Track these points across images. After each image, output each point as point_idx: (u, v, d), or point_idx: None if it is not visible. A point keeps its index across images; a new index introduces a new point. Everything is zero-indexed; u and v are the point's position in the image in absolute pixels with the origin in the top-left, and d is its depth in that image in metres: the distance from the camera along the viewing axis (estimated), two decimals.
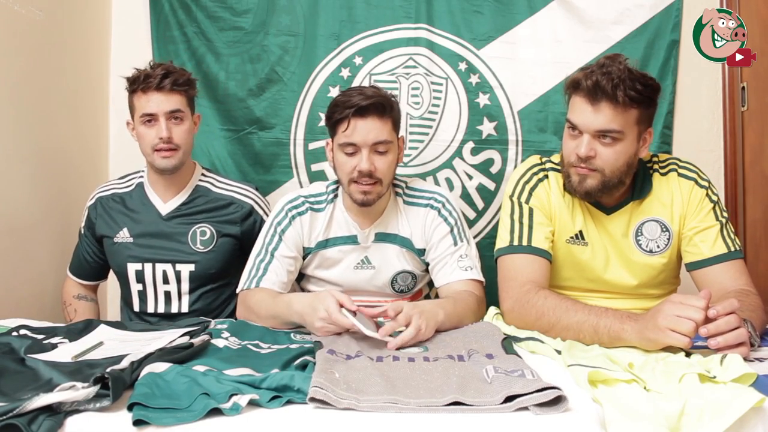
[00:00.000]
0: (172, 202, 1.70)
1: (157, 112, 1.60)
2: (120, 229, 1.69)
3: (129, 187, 1.75)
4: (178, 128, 1.63)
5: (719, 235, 1.41)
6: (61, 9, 1.96)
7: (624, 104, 1.31)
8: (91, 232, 1.74)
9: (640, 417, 0.87)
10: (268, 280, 1.50)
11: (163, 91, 1.59)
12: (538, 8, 2.15)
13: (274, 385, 0.94)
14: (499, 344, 1.17)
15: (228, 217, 1.70)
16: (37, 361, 1.04)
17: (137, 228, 1.69)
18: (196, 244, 1.67)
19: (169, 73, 1.60)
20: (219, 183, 1.75)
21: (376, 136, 1.44)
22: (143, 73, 1.60)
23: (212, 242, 1.68)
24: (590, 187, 1.37)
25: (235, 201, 1.72)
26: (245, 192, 1.75)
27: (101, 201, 1.74)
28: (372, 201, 1.49)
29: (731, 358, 1.03)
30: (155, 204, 1.70)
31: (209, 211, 1.70)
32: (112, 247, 1.70)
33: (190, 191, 1.72)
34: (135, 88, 1.61)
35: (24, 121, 1.79)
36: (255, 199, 1.74)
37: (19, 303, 1.74)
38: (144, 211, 1.70)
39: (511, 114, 2.16)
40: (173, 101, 1.61)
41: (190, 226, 1.68)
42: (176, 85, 1.61)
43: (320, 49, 2.17)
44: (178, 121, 1.63)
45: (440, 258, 1.54)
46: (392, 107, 1.49)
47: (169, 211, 1.69)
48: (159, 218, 1.69)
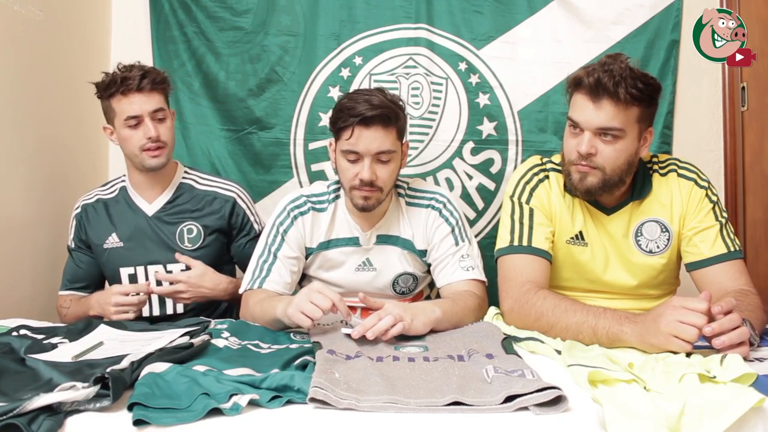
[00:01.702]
0: (157, 201, 1.71)
1: (141, 113, 1.60)
2: (108, 235, 1.69)
3: (113, 193, 1.75)
4: (162, 126, 1.64)
5: (719, 236, 1.41)
6: (61, 9, 1.96)
7: (625, 102, 1.31)
8: (81, 241, 1.73)
9: (640, 417, 0.87)
10: (271, 281, 1.50)
11: (143, 91, 1.60)
12: (538, 8, 2.15)
13: (274, 385, 0.94)
14: (499, 344, 1.17)
15: (213, 213, 1.71)
16: (37, 361, 1.04)
17: (126, 231, 1.69)
18: (184, 242, 1.68)
19: (146, 73, 1.61)
20: (202, 180, 1.77)
21: (379, 146, 1.43)
22: (119, 76, 1.60)
23: (200, 239, 1.69)
24: (591, 185, 1.37)
25: (219, 195, 1.73)
26: (227, 186, 1.76)
27: (86, 208, 1.73)
28: (372, 207, 1.49)
29: (731, 358, 1.03)
30: (140, 205, 1.71)
31: (194, 209, 1.71)
32: (103, 254, 1.70)
33: (173, 189, 1.73)
34: (113, 92, 1.60)
35: (24, 121, 1.79)
36: (237, 192, 1.75)
37: (19, 303, 1.74)
38: (130, 214, 1.70)
39: (511, 114, 2.16)
40: (155, 100, 1.62)
41: (177, 225, 1.69)
42: (155, 83, 1.62)
43: (320, 49, 2.17)
44: (162, 119, 1.64)
45: (442, 258, 1.54)
46: (397, 117, 1.46)
47: (155, 210, 1.70)
48: (145, 219, 1.69)
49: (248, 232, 1.75)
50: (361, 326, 1.19)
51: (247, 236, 1.75)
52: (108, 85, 1.60)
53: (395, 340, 1.21)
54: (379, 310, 1.23)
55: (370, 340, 1.18)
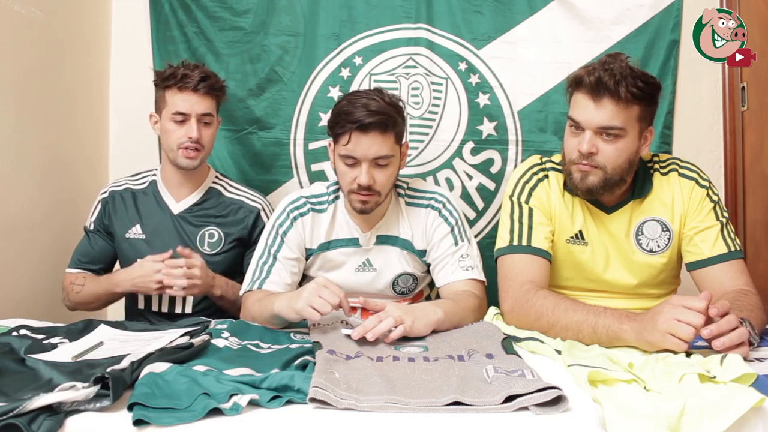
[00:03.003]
0: (185, 201, 1.74)
1: (191, 112, 1.64)
2: (132, 225, 1.72)
3: (143, 185, 1.78)
4: (206, 130, 1.67)
5: (719, 235, 1.41)
6: (61, 9, 1.96)
7: (626, 100, 1.31)
8: (102, 225, 1.75)
9: (640, 417, 0.87)
10: (271, 282, 1.50)
11: (198, 93, 1.64)
12: (538, 8, 2.15)
13: (274, 385, 0.94)
14: (499, 344, 1.17)
15: (237, 222, 1.73)
16: (37, 361, 1.04)
17: (149, 225, 1.72)
18: (203, 246, 1.70)
19: (206, 77, 1.65)
20: (230, 187, 1.79)
21: (377, 151, 1.43)
22: (180, 71, 1.63)
23: (220, 245, 1.71)
24: (592, 184, 1.38)
25: (244, 205, 1.76)
26: (254, 198, 1.79)
27: (114, 195, 1.76)
28: (370, 210, 1.49)
29: (731, 358, 1.03)
30: (168, 202, 1.74)
31: (219, 215, 1.73)
32: (123, 243, 1.72)
33: (203, 192, 1.75)
34: (170, 84, 1.64)
35: (23, 121, 1.79)
36: (262, 204, 1.78)
37: (19, 303, 1.74)
38: (157, 209, 1.73)
39: (511, 114, 2.16)
40: (206, 104, 1.65)
41: (200, 228, 1.71)
42: (212, 89, 1.66)
43: (320, 49, 2.17)
44: (207, 123, 1.67)
45: (441, 258, 1.54)
46: (395, 122, 1.45)
47: (182, 210, 1.73)
48: (171, 216, 1.72)
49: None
50: (362, 327, 1.19)
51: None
52: (168, 76, 1.64)
53: (395, 340, 1.21)
54: (380, 312, 1.24)
55: (371, 341, 1.18)
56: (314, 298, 1.24)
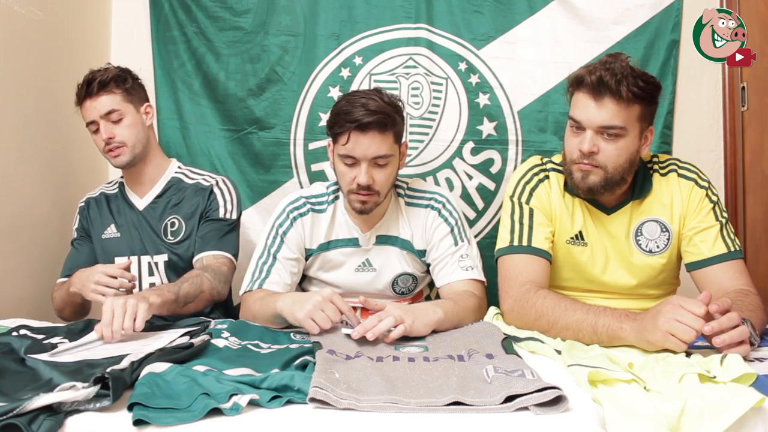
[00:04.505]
0: (148, 196, 1.76)
1: (94, 117, 1.66)
2: (107, 226, 1.75)
3: (114, 189, 1.82)
4: (117, 127, 1.67)
5: (719, 235, 1.41)
6: (61, 9, 1.96)
7: (627, 99, 1.32)
8: (84, 230, 1.78)
9: (640, 417, 0.87)
10: (271, 282, 1.50)
11: (91, 96, 1.65)
12: (538, 8, 2.15)
13: (274, 385, 0.94)
14: (499, 344, 1.17)
15: (193, 204, 1.73)
16: (37, 361, 1.04)
17: (122, 224, 1.75)
18: (167, 236, 1.71)
19: (93, 78, 1.65)
20: (191, 173, 1.80)
21: (376, 150, 1.43)
22: (79, 87, 1.66)
23: (181, 232, 1.71)
24: (593, 183, 1.38)
25: (199, 186, 1.76)
26: (209, 177, 1.78)
27: (90, 202, 1.80)
28: (369, 210, 1.49)
29: (731, 358, 1.03)
30: (133, 201, 1.77)
31: (177, 203, 1.74)
32: (100, 244, 1.74)
33: (163, 185, 1.77)
34: (78, 102, 1.68)
35: (23, 121, 1.79)
36: (216, 180, 1.76)
37: (19, 303, 1.74)
38: (126, 208, 1.76)
39: (511, 114, 2.16)
40: (103, 103, 1.65)
41: (162, 220, 1.73)
42: (102, 86, 1.65)
43: (320, 49, 2.17)
44: (116, 120, 1.67)
45: (441, 258, 1.54)
46: (394, 122, 1.45)
47: (145, 205, 1.75)
48: (137, 213, 1.75)
49: (211, 216, 1.71)
50: (361, 327, 1.19)
51: (209, 221, 1.71)
52: (77, 96, 1.67)
53: (395, 340, 1.21)
54: (380, 312, 1.24)
55: (371, 341, 1.18)
56: (317, 312, 1.23)
